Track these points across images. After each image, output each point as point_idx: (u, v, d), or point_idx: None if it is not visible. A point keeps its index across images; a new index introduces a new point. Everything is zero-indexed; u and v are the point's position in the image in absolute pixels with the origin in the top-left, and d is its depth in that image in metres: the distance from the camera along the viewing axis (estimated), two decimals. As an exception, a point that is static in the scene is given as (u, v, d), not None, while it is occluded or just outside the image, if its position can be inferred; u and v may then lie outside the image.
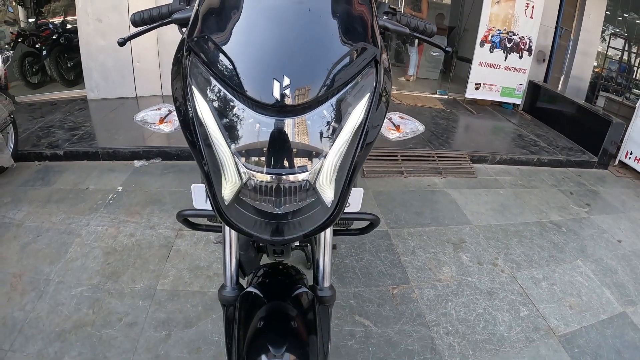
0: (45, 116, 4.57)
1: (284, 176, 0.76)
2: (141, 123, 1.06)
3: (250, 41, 0.79)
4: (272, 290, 1.04)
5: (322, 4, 0.86)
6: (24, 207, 2.86)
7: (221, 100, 0.77)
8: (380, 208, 3.03)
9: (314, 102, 0.75)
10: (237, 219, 0.85)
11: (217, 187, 0.83)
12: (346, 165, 0.81)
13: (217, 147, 0.78)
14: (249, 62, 0.76)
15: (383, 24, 1.08)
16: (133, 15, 1.22)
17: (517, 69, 5.74)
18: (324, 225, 0.85)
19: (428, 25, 1.23)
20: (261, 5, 0.85)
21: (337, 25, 0.83)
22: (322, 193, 0.80)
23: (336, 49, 0.79)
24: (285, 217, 0.82)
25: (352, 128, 0.79)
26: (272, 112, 0.74)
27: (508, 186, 3.67)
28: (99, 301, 2.05)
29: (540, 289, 2.37)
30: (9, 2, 6.47)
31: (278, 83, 0.72)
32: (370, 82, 0.82)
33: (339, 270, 2.34)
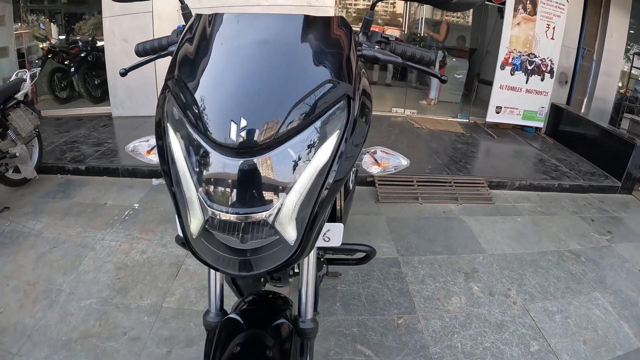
0: (70, 131, 4.84)
1: (243, 215, 0.79)
2: (132, 153, 1.14)
3: (215, 83, 0.83)
4: (253, 319, 1.06)
5: (289, 43, 0.90)
6: (44, 218, 3.05)
7: (190, 139, 0.82)
8: (392, 234, 3.05)
9: (274, 143, 0.78)
10: (204, 253, 0.88)
11: (185, 221, 0.87)
12: (310, 204, 0.83)
13: (184, 183, 0.83)
14: (212, 104, 0.80)
15: (373, 54, 1.09)
16: (137, 45, 1.30)
17: (538, 91, 5.68)
18: (287, 263, 0.87)
19: (425, 53, 1.22)
20: (228, 47, 0.90)
21: (304, 63, 0.86)
22: (282, 232, 0.83)
23: (300, 88, 0.81)
24: (251, 253, 0.85)
25: (316, 167, 0.81)
26: (232, 153, 0.78)
27: (526, 213, 3.63)
28: (106, 314, 2.17)
29: (553, 322, 2.31)
30: (41, 19, 6.87)
31: (235, 125, 0.76)
32: (340, 119, 0.84)
33: (345, 297, 2.36)
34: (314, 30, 0.92)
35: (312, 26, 0.92)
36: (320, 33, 0.93)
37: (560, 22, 5.52)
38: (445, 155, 4.65)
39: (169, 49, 1.18)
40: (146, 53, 1.30)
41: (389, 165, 1.07)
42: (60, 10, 7.24)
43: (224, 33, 0.93)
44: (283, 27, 0.93)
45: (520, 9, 5.35)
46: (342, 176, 0.86)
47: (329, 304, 2.30)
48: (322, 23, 0.95)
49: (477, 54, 7.39)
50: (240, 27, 0.93)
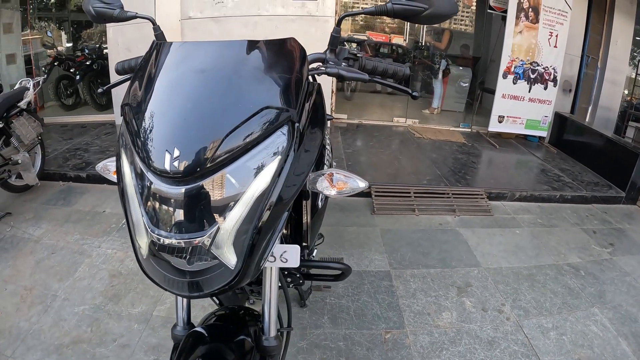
0: (74, 138, 4.91)
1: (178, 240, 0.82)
2: (101, 172, 1.19)
3: (154, 112, 0.86)
4: (217, 333, 1.09)
5: (226, 70, 0.91)
6: (44, 225, 3.12)
7: (136, 165, 0.85)
8: (385, 247, 3.03)
9: (210, 170, 0.80)
10: (153, 273, 0.91)
11: (134, 242, 0.90)
12: (249, 229, 0.84)
13: (132, 207, 0.87)
14: (152, 133, 0.83)
15: (337, 72, 1.10)
16: (117, 64, 1.36)
17: (542, 100, 5.63)
18: (230, 286, 0.89)
19: (399, 68, 1.23)
20: (170, 76, 0.93)
21: (242, 90, 0.87)
22: (220, 256, 0.85)
23: (236, 115, 0.82)
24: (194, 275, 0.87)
25: (254, 193, 0.82)
26: (170, 181, 0.80)
27: (526, 225, 3.58)
28: (98, 321, 2.21)
29: (547, 339, 2.26)
30: (49, 27, 6.97)
31: (169, 154, 0.79)
32: (281, 145, 0.84)
33: (333, 310, 2.35)
34: (259, 55, 0.94)
35: (257, 50, 0.94)
36: (265, 57, 0.94)
37: (564, 29, 5.47)
38: (445, 165, 4.62)
39: None
40: (124, 72, 1.35)
41: (346, 188, 1.07)
42: (67, 18, 7.36)
43: (169, 62, 0.96)
44: (225, 54, 0.94)
45: (522, 17, 5.32)
46: (287, 199, 0.88)
47: (316, 317, 2.29)
48: (269, 47, 0.96)
49: (481, 62, 7.36)
50: (184, 55, 0.96)
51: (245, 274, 0.88)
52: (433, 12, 1.03)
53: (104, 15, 1.25)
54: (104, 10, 1.24)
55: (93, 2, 1.25)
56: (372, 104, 7.38)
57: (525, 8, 5.29)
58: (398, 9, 1.03)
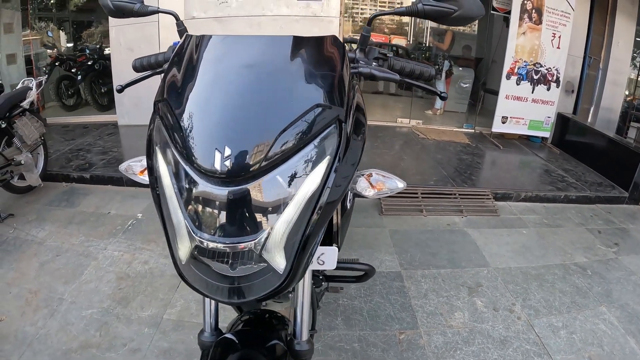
0: (76, 139, 4.88)
1: (229, 244, 0.78)
2: (125, 172, 1.14)
3: (199, 108, 0.82)
4: (247, 339, 1.05)
5: (276, 66, 0.87)
6: (47, 226, 3.07)
7: (177, 165, 0.80)
8: (395, 248, 3.03)
9: (261, 171, 0.76)
10: (193, 279, 0.87)
11: (173, 246, 0.85)
12: (299, 231, 0.81)
13: (171, 209, 0.82)
14: (197, 130, 0.79)
15: (370, 71, 1.08)
16: (134, 61, 1.31)
17: (544, 101, 5.65)
18: (277, 291, 0.86)
19: (425, 69, 1.21)
20: (214, 70, 0.88)
21: (292, 87, 0.84)
22: (270, 260, 0.81)
23: (287, 113, 0.79)
24: (240, 280, 0.83)
25: (304, 194, 0.79)
26: (218, 182, 0.76)
27: (532, 225, 3.59)
28: (106, 325, 2.17)
29: (558, 338, 2.27)
30: (49, 27, 6.94)
31: (219, 153, 0.74)
32: (331, 144, 0.82)
33: (346, 312, 2.34)
34: (304, 52, 0.91)
35: (301, 47, 0.91)
36: (310, 54, 0.91)
37: (566, 30, 5.49)
38: (450, 166, 4.63)
39: (163, 67, 1.19)
40: (143, 69, 1.31)
41: (385, 188, 1.06)
42: (68, 18, 7.34)
43: (210, 56, 0.92)
44: (271, 50, 0.91)
45: (526, 18, 5.33)
46: (334, 200, 0.84)
47: (330, 319, 2.28)
48: (312, 43, 0.93)
49: (483, 63, 7.37)
50: (226, 49, 0.92)
51: (294, 278, 0.85)
52: (462, 14, 1.01)
53: (124, 9, 1.18)
54: (124, 4, 1.18)
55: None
56: (374, 104, 7.38)
57: (529, 9, 5.31)
58: (428, 10, 1.02)
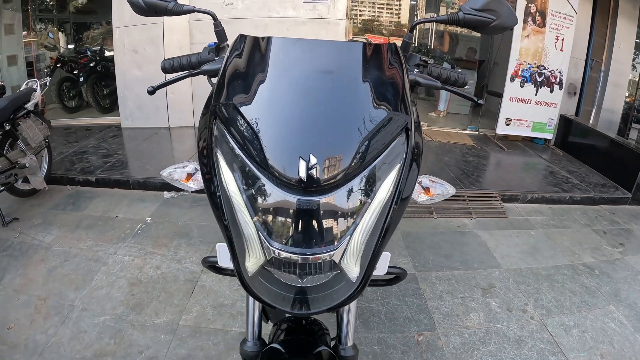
0: (79, 141, 4.84)
1: (309, 255, 0.76)
2: (168, 179, 1.09)
3: (276, 114, 0.79)
4: (294, 347, 1.04)
5: (351, 73, 0.87)
6: (54, 231, 3.02)
7: (246, 172, 0.77)
8: (408, 250, 3.03)
9: (342, 180, 0.75)
10: (259, 290, 0.86)
11: (240, 257, 0.83)
12: (374, 239, 0.81)
13: (240, 219, 0.78)
14: (274, 137, 0.76)
15: (414, 78, 1.09)
16: (163, 62, 1.25)
17: (548, 103, 5.68)
18: (348, 300, 0.86)
19: (460, 75, 1.24)
20: (288, 74, 0.86)
21: (367, 95, 0.83)
22: (347, 270, 0.80)
23: (366, 122, 0.78)
24: (309, 291, 0.83)
25: (380, 202, 0.79)
26: (297, 190, 0.74)
27: (539, 227, 3.62)
28: (121, 332, 2.12)
29: (570, 336, 2.30)
30: (50, 28, 6.90)
31: (304, 162, 0.72)
32: (400, 153, 0.82)
33: (364, 315, 2.34)
34: (372, 59, 0.91)
35: (370, 54, 0.91)
36: (378, 62, 0.91)
37: (569, 33, 5.53)
38: (457, 168, 4.65)
39: (202, 68, 1.13)
40: (173, 70, 1.26)
41: (436, 193, 1.05)
42: (69, 19, 7.30)
43: (280, 58, 0.89)
44: (344, 56, 0.90)
45: (530, 21, 5.37)
46: (403, 208, 0.85)
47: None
48: (378, 51, 0.94)
49: (485, 65, 7.39)
50: (298, 53, 0.90)
51: (364, 286, 0.85)
52: (499, 23, 1.04)
53: (157, 7, 1.10)
54: (157, 2, 1.09)
55: None
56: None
57: (533, 12, 5.35)
58: (469, 19, 1.03)
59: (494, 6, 1.02)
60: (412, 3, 9.16)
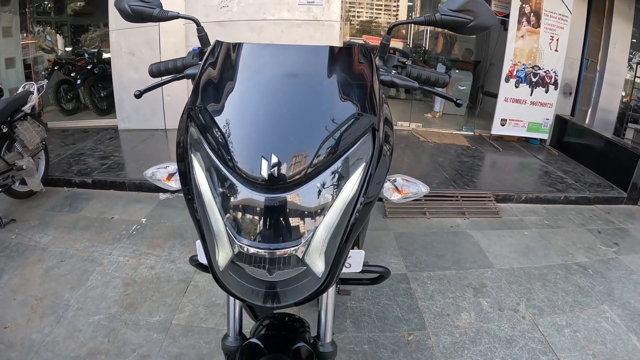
0: (76, 143, 4.87)
1: (273, 250, 0.79)
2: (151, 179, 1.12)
3: (242, 116, 0.83)
4: (272, 343, 1.07)
5: (316, 75, 0.90)
6: (50, 232, 3.05)
7: (216, 172, 0.81)
8: (400, 250, 3.04)
9: (304, 178, 0.78)
10: (231, 285, 0.88)
11: (211, 252, 0.86)
12: (338, 236, 0.83)
13: (211, 216, 0.82)
14: (240, 138, 0.80)
15: (391, 79, 1.11)
16: (150, 66, 1.29)
17: (543, 103, 5.70)
18: (315, 295, 0.88)
19: (440, 76, 1.25)
20: (255, 79, 0.89)
21: (331, 96, 0.86)
22: (312, 265, 0.83)
23: (329, 121, 0.81)
24: (278, 285, 0.86)
25: (344, 199, 0.81)
26: (262, 188, 0.77)
27: (533, 226, 3.62)
28: (114, 331, 2.15)
29: (562, 336, 2.30)
30: (47, 30, 6.92)
31: (266, 161, 0.76)
32: (366, 152, 0.84)
33: (355, 314, 2.35)
34: (339, 62, 0.93)
35: (336, 57, 0.93)
36: (345, 64, 0.93)
37: (564, 33, 5.55)
38: (452, 169, 4.66)
39: (185, 72, 1.16)
40: (160, 74, 1.30)
41: (409, 192, 1.06)
42: (66, 22, 7.32)
43: (249, 63, 0.93)
44: (309, 59, 0.93)
45: (524, 22, 5.39)
46: (369, 204, 0.87)
47: (339, 321, 2.29)
48: (345, 53, 0.96)
49: (481, 66, 7.41)
50: (266, 58, 0.93)
51: (331, 281, 0.87)
52: (477, 23, 1.05)
53: (142, 14, 1.15)
54: (143, 8, 1.14)
55: (130, 0, 1.15)
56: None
57: (527, 13, 5.36)
58: (446, 20, 1.05)
59: (471, 7, 1.03)
60: (409, 4, 9.18)
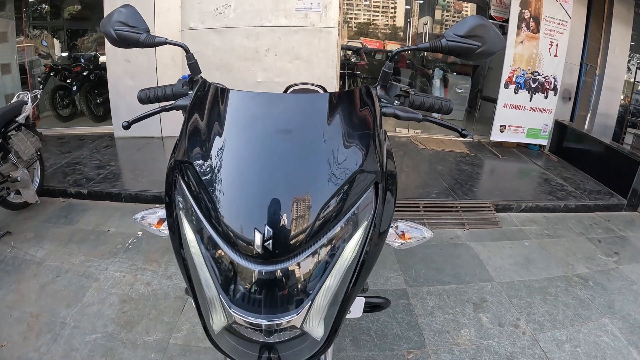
0: (72, 151, 4.83)
1: (269, 322, 0.75)
2: (141, 224, 1.09)
3: (233, 179, 0.77)
4: None
5: (313, 129, 0.83)
6: (46, 245, 3.01)
7: (207, 237, 0.76)
8: (399, 264, 3.01)
9: (301, 248, 0.74)
10: (226, 348, 0.84)
11: (205, 317, 0.82)
12: (338, 300, 0.79)
13: (204, 283, 0.77)
14: (231, 205, 0.75)
15: (393, 111, 1.06)
16: (140, 92, 1.27)
17: (542, 109, 5.68)
18: (314, 357, 0.84)
19: (444, 103, 1.18)
20: (245, 134, 0.83)
21: (330, 154, 0.80)
22: (310, 332, 0.79)
23: (328, 184, 0.76)
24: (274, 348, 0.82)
25: (344, 264, 0.77)
26: (256, 260, 0.73)
27: (533, 237, 3.60)
28: (112, 350, 2.11)
29: (562, 351, 2.28)
30: (43, 36, 6.88)
31: (260, 234, 0.71)
32: (368, 210, 0.79)
33: (354, 332, 2.32)
34: (339, 110, 0.87)
35: (336, 105, 0.87)
36: (346, 112, 0.88)
37: (563, 39, 5.53)
38: (451, 177, 4.63)
39: (175, 103, 1.13)
40: (149, 101, 1.28)
41: (412, 238, 1.03)
42: (62, 27, 7.27)
43: (238, 115, 0.87)
44: (305, 111, 0.87)
45: (524, 27, 5.36)
46: (371, 263, 0.83)
47: (338, 340, 2.26)
48: (346, 99, 0.90)
49: (480, 70, 7.38)
50: (257, 109, 0.87)
51: (330, 343, 0.84)
52: (485, 49, 1.00)
53: (128, 39, 1.11)
54: (129, 34, 1.10)
55: (115, 25, 1.10)
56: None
57: (527, 18, 5.34)
58: (453, 46, 1.00)
59: (479, 32, 0.98)
60: (407, 7, 9.16)
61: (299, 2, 4.54)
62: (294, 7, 4.56)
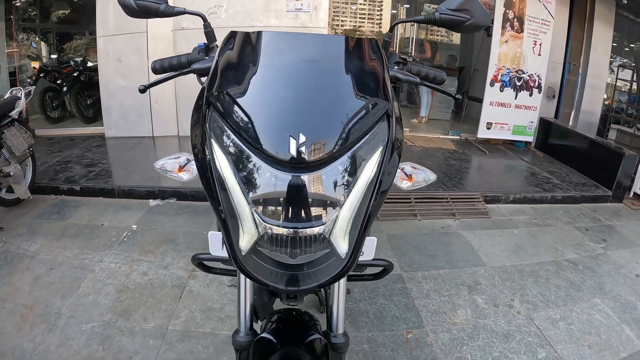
0: (63, 151, 4.79)
1: (300, 229, 0.79)
2: (161, 170, 1.12)
3: (266, 98, 0.85)
4: (285, 336, 1.06)
5: (335, 62, 0.94)
6: (39, 240, 2.98)
7: (239, 154, 0.81)
8: (394, 252, 3.06)
9: (329, 158, 0.79)
10: (253, 269, 0.87)
11: (234, 237, 0.85)
12: (360, 216, 0.84)
13: (234, 199, 0.81)
14: (266, 118, 0.81)
15: (394, 74, 1.13)
16: (153, 62, 1.28)
17: (527, 106, 5.81)
18: (338, 276, 0.88)
19: (438, 73, 1.29)
20: (277, 63, 0.92)
21: (350, 82, 0.90)
22: (336, 245, 0.83)
23: (349, 105, 0.84)
24: (300, 267, 0.85)
25: (365, 180, 0.82)
26: (288, 168, 0.78)
27: (522, 226, 3.68)
28: (109, 338, 2.09)
29: (557, 329, 2.34)
30: (32, 37, 6.84)
31: (294, 140, 0.77)
32: (382, 135, 0.86)
33: (353, 315, 2.35)
34: (355, 51, 0.98)
35: (351, 47, 0.98)
36: (360, 54, 0.98)
37: (547, 38, 5.68)
38: (440, 172, 4.70)
39: (192, 67, 1.14)
40: (164, 70, 1.28)
41: (418, 180, 1.10)
42: (52, 29, 7.25)
43: (269, 50, 0.95)
44: (326, 47, 0.97)
45: (508, 27, 5.50)
46: (387, 188, 0.88)
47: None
48: (360, 44, 1.01)
49: (465, 72, 7.52)
50: (285, 44, 0.97)
51: (354, 262, 0.87)
52: (473, 22, 1.09)
53: (149, 9, 1.11)
54: (149, 4, 1.10)
55: None
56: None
57: (511, 18, 5.48)
58: (445, 18, 1.10)
59: (468, 6, 1.08)
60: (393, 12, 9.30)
61: (290, 3, 4.62)
62: (284, 7, 4.63)
